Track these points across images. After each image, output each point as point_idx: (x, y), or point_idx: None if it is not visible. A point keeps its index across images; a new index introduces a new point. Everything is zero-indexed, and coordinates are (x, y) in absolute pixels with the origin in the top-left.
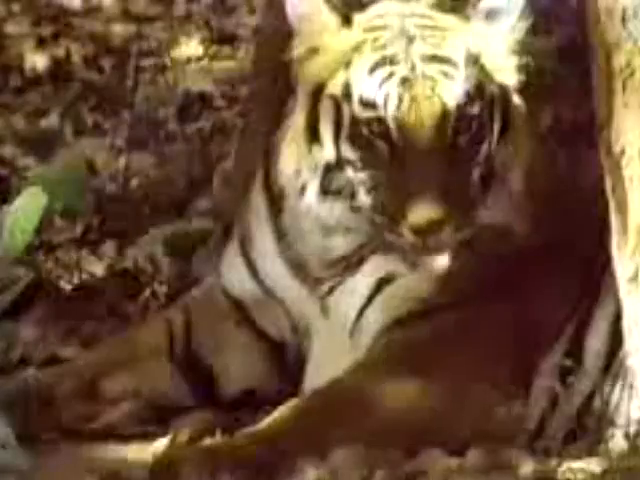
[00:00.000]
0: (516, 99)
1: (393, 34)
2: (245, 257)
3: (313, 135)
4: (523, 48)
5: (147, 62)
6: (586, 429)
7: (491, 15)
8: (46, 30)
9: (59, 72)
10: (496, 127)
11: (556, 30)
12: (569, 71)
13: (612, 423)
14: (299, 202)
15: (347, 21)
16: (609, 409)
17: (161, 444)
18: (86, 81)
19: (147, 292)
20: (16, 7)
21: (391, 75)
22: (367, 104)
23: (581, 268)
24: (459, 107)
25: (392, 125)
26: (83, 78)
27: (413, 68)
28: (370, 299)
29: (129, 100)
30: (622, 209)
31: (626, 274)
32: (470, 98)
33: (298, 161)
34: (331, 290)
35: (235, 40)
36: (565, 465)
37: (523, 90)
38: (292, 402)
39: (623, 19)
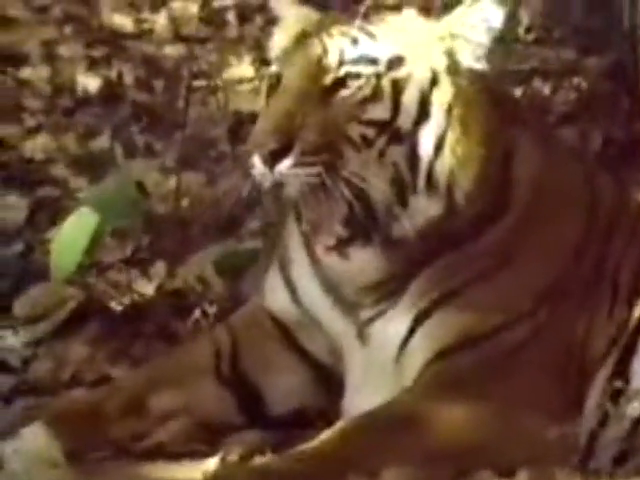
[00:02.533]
0: (446, 88)
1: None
2: (285, 278)
3: None
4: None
5: (198, 83)
6: (636, 450)
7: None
8: (98, 52)
9: (110, 93)
10: (408, 105)
11: (608, 50)
12: (620, 91)
13: None
14: None
15: None
16: None
17: (211, 463)
18: (137, 102)
19: (197, 312)
20: (69, 30)
21: (303, 32)
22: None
23: (627, 288)
24: (343, 63)
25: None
26: (134, 99)
27: (326, 27)
28: (413, 330)
29: (180, 121)
30: None
31: None
32: (368, 61)
33: None
34: (371, 320)
35: None
36: None
37: (574, 111)
38: (342, 422)
39: None
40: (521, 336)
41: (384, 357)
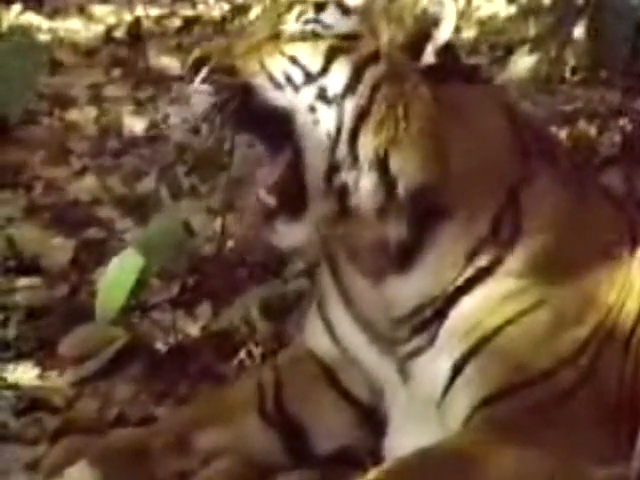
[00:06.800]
0: (381, 67)
1: None
2: (322, 317)
3: None
4: None
5: None
6: None
7: None
8: (144, 93)
9: (156, 135)
10: (338, 71)
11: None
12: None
13: None
14: None
15: None
16: None
17: None
18: (183, 144)
19: (242, 353)
20: (116, 72)
21: None
22: None
23: None
24: (298, 20)
25: None
26: (180, 141)
27: None
28: (453, 378)
29: (225, 163)
30: None
31: None
32: (322, 25)
33: None
34: (411, 355)
35: None
36: None
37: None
38: (390, 461)
39: None
40: (567, 381)
41: (426, 397)
